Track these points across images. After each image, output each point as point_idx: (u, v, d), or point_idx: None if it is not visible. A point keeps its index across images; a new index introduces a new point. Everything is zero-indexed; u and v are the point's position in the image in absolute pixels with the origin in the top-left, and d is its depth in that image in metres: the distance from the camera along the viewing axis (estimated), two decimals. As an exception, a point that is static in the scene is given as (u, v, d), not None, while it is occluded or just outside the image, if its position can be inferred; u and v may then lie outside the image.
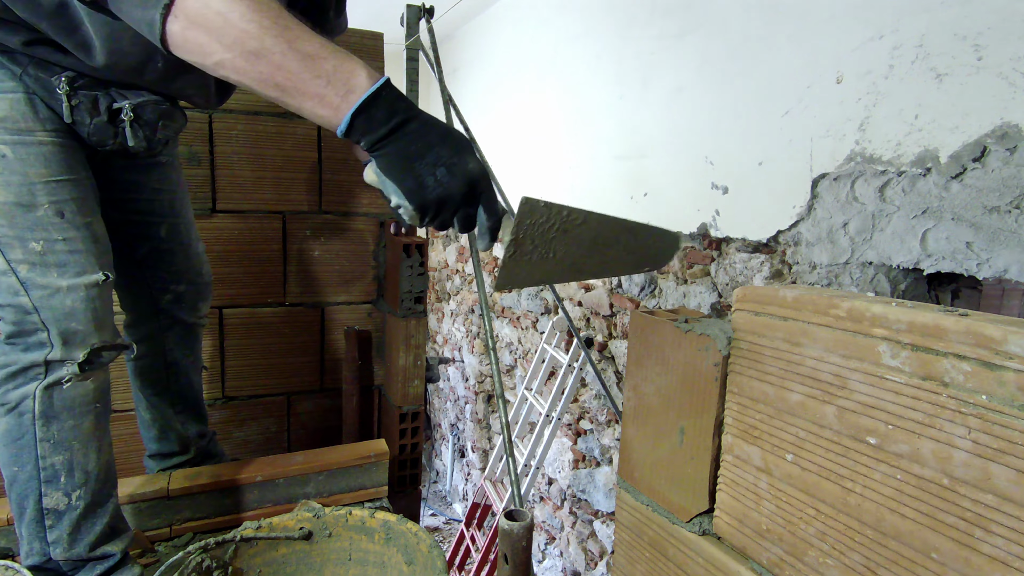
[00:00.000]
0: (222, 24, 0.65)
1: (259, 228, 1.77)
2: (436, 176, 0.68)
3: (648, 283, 2.44)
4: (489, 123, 3.82)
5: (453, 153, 0.69)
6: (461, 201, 0.70)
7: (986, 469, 0.45)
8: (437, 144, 0.69)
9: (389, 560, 1.19)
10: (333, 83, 0.66)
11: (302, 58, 0.66)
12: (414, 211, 0.70)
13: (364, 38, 1.84)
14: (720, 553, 0.68)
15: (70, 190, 0.95)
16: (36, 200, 0.91)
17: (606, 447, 2.78)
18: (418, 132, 0.69)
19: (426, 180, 0.68)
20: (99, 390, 1.02)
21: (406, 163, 0.68)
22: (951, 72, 1.36)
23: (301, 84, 0.66)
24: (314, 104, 0.67)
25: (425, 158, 0.68)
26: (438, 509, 4.84)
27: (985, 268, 1.30)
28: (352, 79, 0.67)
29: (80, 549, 1.01)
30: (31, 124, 0.92)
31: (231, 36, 0.65)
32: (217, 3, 0.65)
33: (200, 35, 0.66)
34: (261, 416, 1.85)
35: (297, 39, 0.66)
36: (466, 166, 0.69)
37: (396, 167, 0.69)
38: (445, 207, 0.70)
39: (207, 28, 0.66)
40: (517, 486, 1.10)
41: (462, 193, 0.69)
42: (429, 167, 0.68)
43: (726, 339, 0.67)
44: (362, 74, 0.68)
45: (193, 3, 0.65)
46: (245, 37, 0.65)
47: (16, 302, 0.93)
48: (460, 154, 0.69)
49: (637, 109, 2.48)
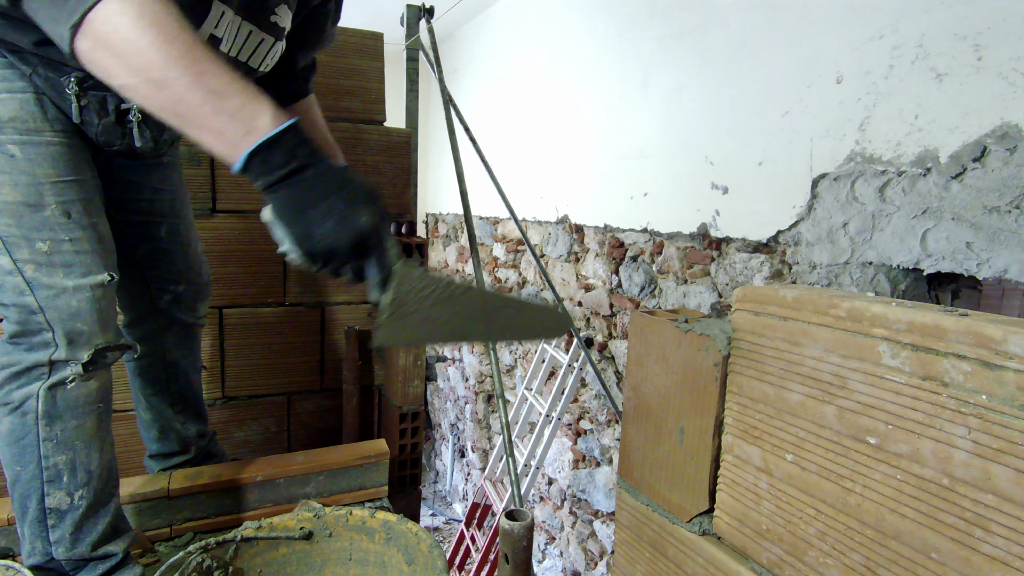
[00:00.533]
0: (128, 50, 0.65)
1: (259, 228, 1.76)
2: (325, 227, 0.68)
3: (648, 283, 2.44)
4: (489, 123, 3.82)
5: (346, 205, 0.69)
6: (348, 254, 0.69)
7: (986, 469, 0.46)
8: (332, 194, 0.69)
9: (389, 560, 1.19)
10: (235, 121, 0.66)
11: (207, 93, 0.66)
12: (302, 256, 0.70)
13: (364, 38, 1.84)
14: (720, 553, 0.68)
15: (77, 191, 0.96)
16: (44, 200, 0.92)
17: (606, 447, 2.78)
18: (314, 180, 0.69)
19: (314, 230, 0.68)
20: (102, 390, 1.02)
21: (297, 210, 0.68)
22: (951, 72, 1.36)
23: (202, 118, 0.66)
24: (213, 138, 0.67)
25: (317, 207, 0.68)
26: (438, 509, 4.84)
27: (985, 268, 1.30)
28: (255, 119, 0.67)
29: (82, 549, 1.01)
30: (40, 124, 0.92)
31: (136, 63, 0.65)
32: (126, 29, 0.64)
33: (106, 57, 0.66)
34: (261, 416, 1.85)
35: (204, 73, 0.66)
36: (357, 220, 0.69)
37: (287, 213, 0.69)
38: (332, 258, 0.70)
39: (113, 52, 0.66)
40: (517, 486, 1.11)
41: (349, 247, 0.69)
42: (320, 217, 0.68)
43: (726, 339, 0.67)
44: (267, 116, 0.68)
45: (102, 26, 0.65)
46: (150, 66, 0.65)
47: (21, 302, 0.93)
48: (354, 206, 0.69)
49: (637, 109, 2.48)
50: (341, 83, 1.81)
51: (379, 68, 1.89)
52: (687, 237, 2.21)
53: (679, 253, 2.26)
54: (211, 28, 0.94)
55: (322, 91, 1.79)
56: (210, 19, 0.92)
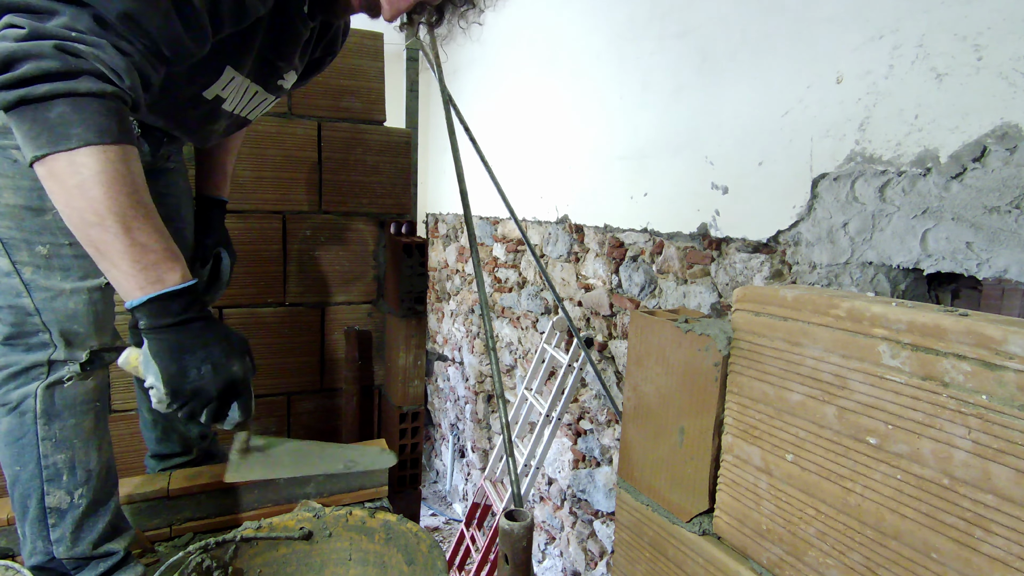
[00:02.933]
0: (77, 193, 0.68)
1: (259, 228, 1.77)
2: (200, 370, 0.76)
3: (648, 283, 2.44)
4: (489, 123, 3.82)
5: (223, 355, 0.77)
6: (216, 396, 0.77)
7: (986, 469, 0.46)
8: (213, 344, 0.77)
9: (389, 560, 1.19)
10: (148, 270, 0.72)
11: (132, 243, 0.71)
12: (166, 394, 0.76)
13: (364, 38, 1.84)
14: (720, 553, 0.68)
15: None
16: (45, 204, 0.92)
17: (606, 447, 2.78)
18: (200, 329, 0.77)
19: (190, 371, 0.75)
20: (99, 388, 1.02)
21: (178, 351, 0.75)
22: (951, 72, 1.36)
23: (119, 260, 0.71)
24: (122, 277, 0.72)
25: (196, 353, 0.76)
26: (438, 509, 4.84)
27: (985, 268, 1.30)
28: (167, 274, 0.73)
29: (83, 547, 1.01)
30: None
31: (79, 204, 0.69)
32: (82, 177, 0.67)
33: (54, 187, 0.69)
34: (261, 416, 1.85)
35: (136, 229, 0.71)
36: (231, 368, 0.77)
37: (167, 352, 0.75)
38: (198, 397, 0.76)
39: (63, 188, 0.69)
40: (517, 486, 1.11)
41: (219, 390, 0.77)
42: (197, 361, 0.76)
43: (726, 339, 0.67)
44: (177, 274, 0.74)
45: (64, 168, 0.67)
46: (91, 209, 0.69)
47: (18, 303, 0.93)
48: (230, 357, 0.78)
49: (637, 109, 2.48)
50: (341, 83, 1.81)
51: (379, 68, 1.89)
52: (687, 237, 2.21)
53: (679, 253, 2.26)
54: (218, 90, 0.98)
55: (322, 91, 1.79)
56: (219, 82, 0.97)
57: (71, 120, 0.67)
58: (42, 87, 0.65)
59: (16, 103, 0.66)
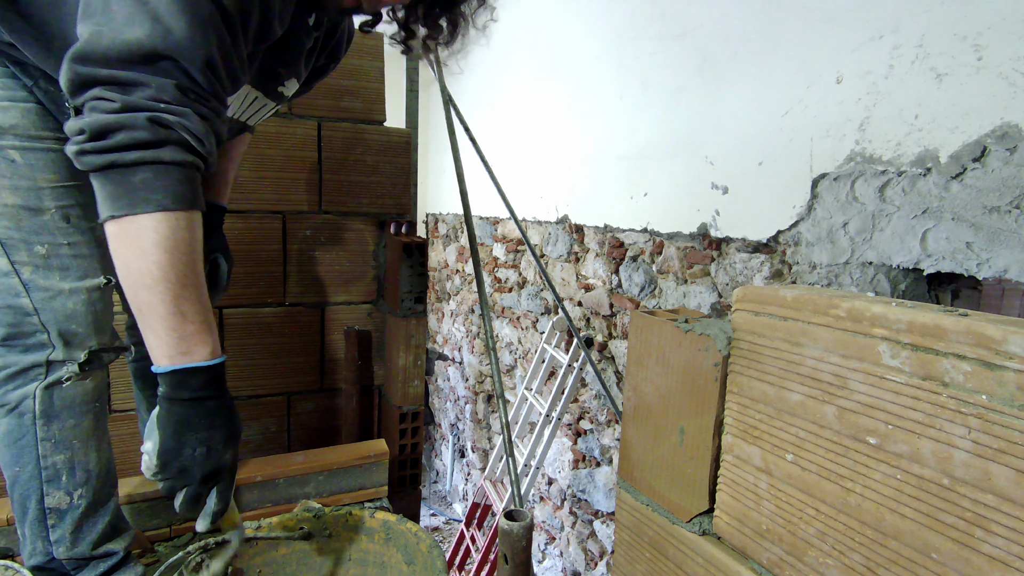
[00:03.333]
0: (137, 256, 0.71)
1: (259, 228, 1.77)
2: (196, 450, 0.76)
3: (648, 283, 2.44)
4: (489, 123, 3.82)
5: (221, 440, 0.78)
6: (200, 479, 0.77)
7: (986, 469, 0.46)
8: (216, 428, 0.77)
9: (389, 560, 1.19)
10: (183, 341, 0.74)
11: (176, 312, 0.73)
12: (156, 464, 0.77)
13: (364, 38, 1.84)
14: (720, 553, 0.68)
15: (76, 195, 0.96)
16: (43, 204, 0.92)
17: (606, 447, 2.78)
18: (211, 411, 0.77)
19: (185, 448, 0.76)
20: (98, 389, 1.02)
21: (181, 427, 0.76)
22: (951, 72, 1.36)
23: (158, 326, 0.73)
24: (156, 341, 0.74)
25: (198, 432, 0.76)
26: (438, 509, 4.84)
27: (985, 268, 1.30)
28: (197, 347, 0.75)
29: (83, 548, 1.01)
30: (41, 131, 0.94)
31: (137, 267, 0.71)
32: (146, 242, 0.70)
33: (121, 245, 0.72)
34: (261, 416, 1.85)
35: (184, 298, 0.73)
36: (223, 454, 0.78)
37: (171, 424, 0.76)
38: (184, 476, 0.77)
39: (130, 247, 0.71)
40: (517, 486, 1.11)
41: (205, 473, 0.77)
42: (195, 440, 0.76)
43: (726, 339, 0.67)
44: (208, 349, 0.76)
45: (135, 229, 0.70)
46: (147, 274, 0.71)
47: (16, 303, 0.93)
48: (226, 444, 0.79)
49: (637, 109, 2.48)
50: (341, 83, 1.81)
51: (379, 68, 1.89)
52: (687, 237, 2.21)
53: (679, 253, 2.26)
54: None
55: (322, 91, 1.79)
56: None
57: (153, 186, 0.70)
58: (132, 155, 0.69)
59: (105, 167, 0.69)
